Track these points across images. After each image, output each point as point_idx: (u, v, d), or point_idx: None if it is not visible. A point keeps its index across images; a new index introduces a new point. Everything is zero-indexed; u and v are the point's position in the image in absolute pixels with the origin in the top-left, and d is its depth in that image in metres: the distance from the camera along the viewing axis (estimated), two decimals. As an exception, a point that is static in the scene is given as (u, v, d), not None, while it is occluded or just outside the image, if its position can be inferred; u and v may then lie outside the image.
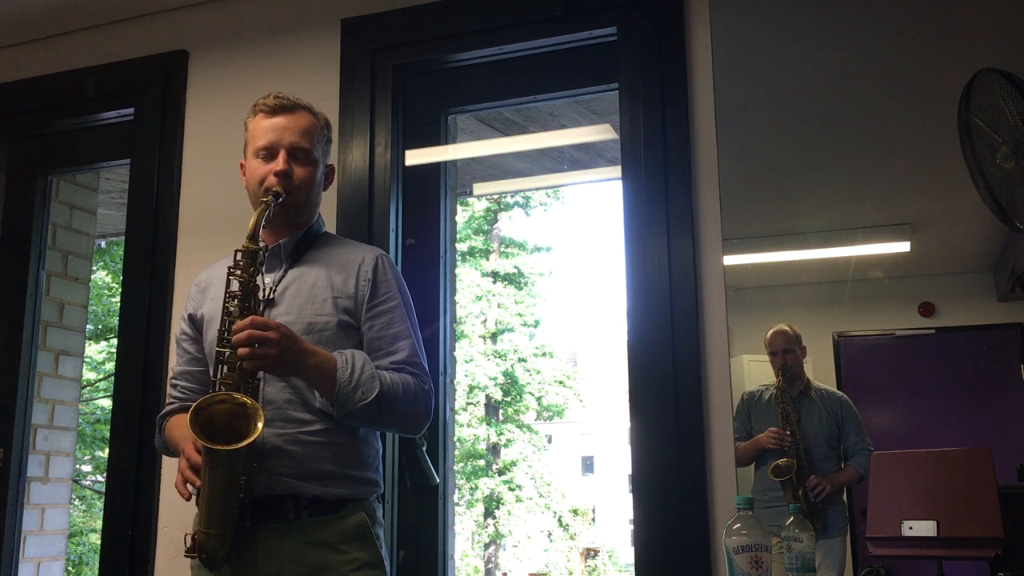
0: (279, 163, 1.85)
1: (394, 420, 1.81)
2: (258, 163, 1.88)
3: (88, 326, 7.64)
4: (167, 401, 1.98)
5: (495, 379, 14.47)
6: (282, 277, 1.87)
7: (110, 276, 9.36)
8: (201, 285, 1.98)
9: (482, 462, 14.37)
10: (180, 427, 1.85)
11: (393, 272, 1.92)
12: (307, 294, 1.83)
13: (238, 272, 1.73)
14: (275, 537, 1.71)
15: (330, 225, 2.55)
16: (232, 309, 1.71)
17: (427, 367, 1.88)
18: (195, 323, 1.94)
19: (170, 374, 2.01)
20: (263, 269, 1.83)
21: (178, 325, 2.00)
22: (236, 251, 1.75)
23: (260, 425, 1.61)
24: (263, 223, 1.79)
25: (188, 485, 1.71)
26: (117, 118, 2.99)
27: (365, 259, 1.89)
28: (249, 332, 1.64)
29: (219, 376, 1.69)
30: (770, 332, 2.35)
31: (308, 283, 1.85)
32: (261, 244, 1.77)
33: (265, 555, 1.71)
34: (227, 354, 1.68)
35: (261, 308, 1.78)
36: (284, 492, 1.72)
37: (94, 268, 8.34)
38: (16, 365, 3.02)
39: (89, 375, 9.66)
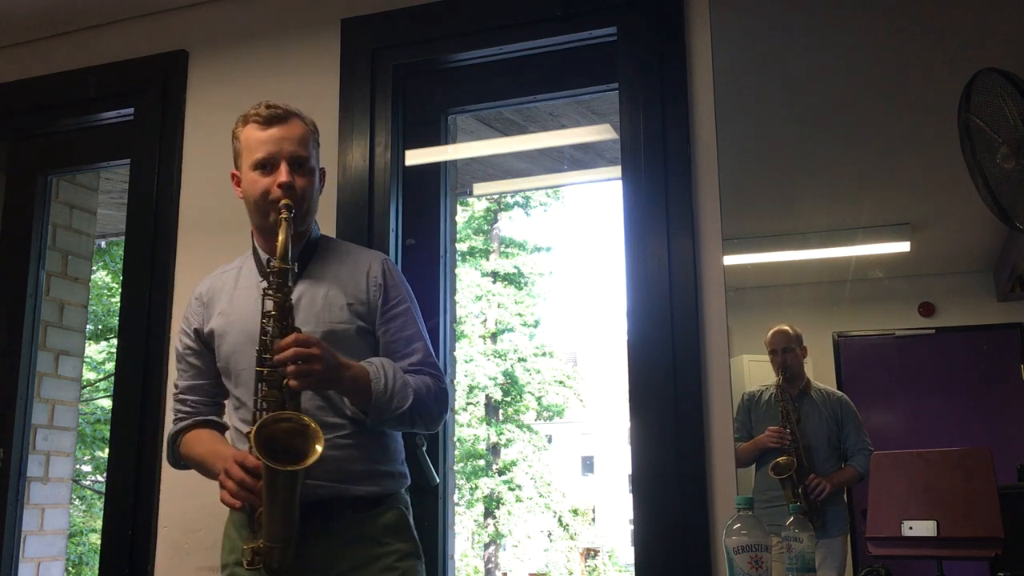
0: (283, 175, 1.84)
1: (420, 421, 1.86)
2: (257, 175, 1.87)
3: (88, 326, 7.64)
4: (176, 416, 1.97)
5: (495, 379, 14.46)
6: (292, 289, 1.88)
7: (110, 276, 9.36)
8: (203, 299, 1.97)
9: (482, 462, 14.37)
10: (200, 443, 1.90)
11: (399, 275, 1.96)
12: (322, 302, 1.86)
13: (272, 292, 1.74)
14: (322, 538, 1.77)
15: (330, 225, 2.56)
16: (270, 329, 1.73)
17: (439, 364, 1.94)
18: (201, 338, 1.94)
19: (173, 388, 2.00)
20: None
21: (178, 339, 1.99)
22: (268, 271, 1.75)
23: (319, 448, 1.65)
24: (290, 239, 1.77)
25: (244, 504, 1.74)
26: (117, 118, 2.99)
27: (372, 265, 1.93)
28: (295, 350, 1.66)
29: (260, 395, 1.72)
30: (771, 331, 2.35)
31: (321, 292, 1.87)
32: (291, 263, 1.78)
33: (312, 556, 1.76)
34: (266, 372, 1.71)
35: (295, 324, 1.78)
36: (327, 496, 1.77)
37: (94, 268, 8.34)
38: (16, 365, 3.02)
39: (89, 375, 9.65)
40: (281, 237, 1.74)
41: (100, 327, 9.71)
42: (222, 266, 2.04)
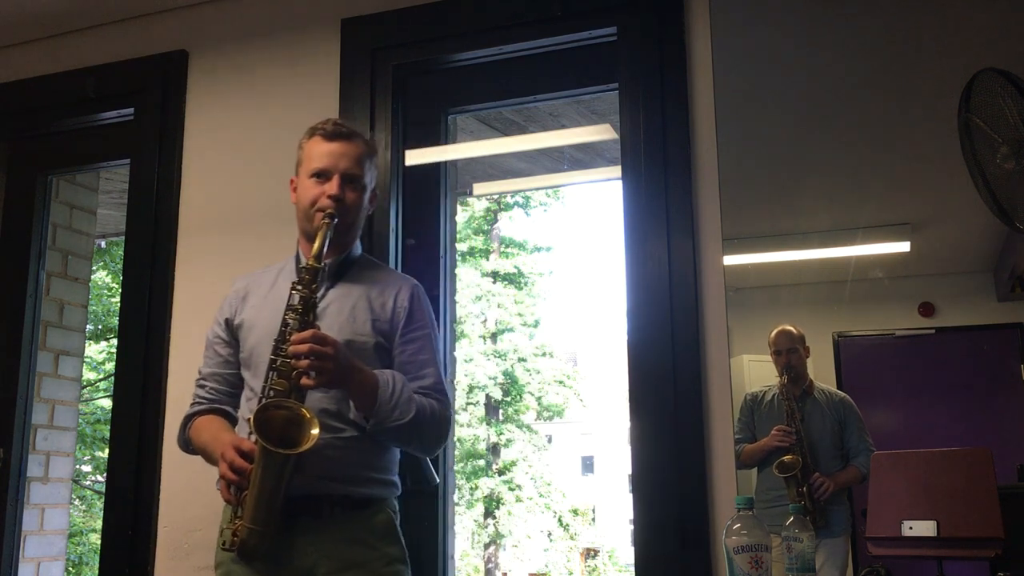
0: (333, 187, 1.94)
1: (417, 441, 1.93)
2: (311, 183, 1.97)
3: (88, 326, 7.63)
4: (194, 401, 2.03)
5: (495, 379, 14.47)
6: (323, 295, 1.95)
7: (110, 276, 9.36)
8: (241, 293, 2.06)
9: (482, 462, 14.37)
10: (208, 429, 1.94)
11: (426, 304, 2.04)
12: (348, 314, 1.94)
13: (300, 288, 1.83)
14: (310, 533, 1.81)
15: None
16: (291, 321, 1.80)
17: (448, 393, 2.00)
18: (231, 328, 2.02)
19: (198, 374, 2.06)
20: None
21: (211, 328, 2.06)
22: (301, 268, 1.86)
23: (315, 432, 1.71)
24: (327, 243, 1.87)
25: (232, 488, 1.77)
26: (117, 118, 2.99)
27: (402, 288, 2.01)
28: (311, 346, 1.73)
29: (269, 382, 1.78)
30: (775, 331, 2.35)
31: (349, 303, 1.95)
32: (323, 264, 1.87)
33: (301, 550, 1.80)
34: (278, 362, 1.77)
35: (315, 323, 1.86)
36: (319, 492, 1.82)
37: (94, 268, 8.34)
38: (16, 365, 3.02)
39: (89, 375, 9.65)
40: (318, 239, 1.86)
41: (100, 327, 9.71)
42: (266, 265, 2.13)
